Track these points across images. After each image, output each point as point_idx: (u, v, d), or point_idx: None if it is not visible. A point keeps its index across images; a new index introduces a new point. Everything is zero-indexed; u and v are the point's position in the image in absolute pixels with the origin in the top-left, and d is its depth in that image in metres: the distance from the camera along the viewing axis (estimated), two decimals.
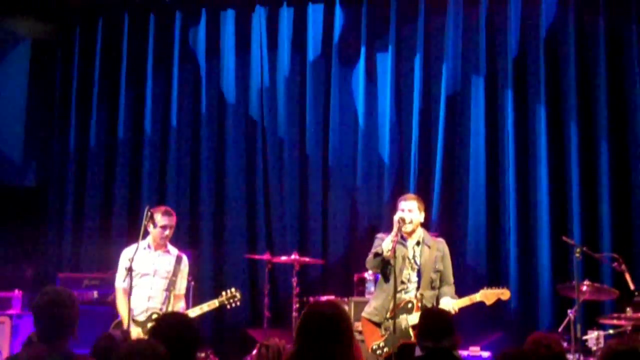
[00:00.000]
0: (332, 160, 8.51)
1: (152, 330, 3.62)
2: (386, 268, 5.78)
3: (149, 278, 6.18)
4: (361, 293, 7.49)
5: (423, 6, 8.41)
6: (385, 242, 5.70)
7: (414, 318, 5.53)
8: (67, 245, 8.82)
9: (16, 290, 7.75)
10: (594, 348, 6.50)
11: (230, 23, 8.89)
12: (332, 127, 8.53)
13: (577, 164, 7.86)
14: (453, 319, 4.49)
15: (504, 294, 5.84)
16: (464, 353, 6.90)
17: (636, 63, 7.90)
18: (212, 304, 6.26)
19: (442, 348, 4.18)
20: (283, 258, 7.43)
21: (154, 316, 5.98)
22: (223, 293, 6.32)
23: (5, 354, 7.02)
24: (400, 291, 5.72)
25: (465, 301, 5.77)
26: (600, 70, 7.95)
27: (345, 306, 7.00)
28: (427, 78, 8.40)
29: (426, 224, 6.28)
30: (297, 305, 7.25)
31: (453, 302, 5.70)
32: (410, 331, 5.60)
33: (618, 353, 3.60)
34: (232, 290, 6.32)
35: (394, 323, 5.61)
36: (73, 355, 3.53)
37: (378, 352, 5.67)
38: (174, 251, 6.36)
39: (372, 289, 7.08)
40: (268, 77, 8.74)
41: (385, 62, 8.49)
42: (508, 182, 8.03)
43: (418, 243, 5.88)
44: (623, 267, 6.54)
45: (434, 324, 4.29)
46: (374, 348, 5.71)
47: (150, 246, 6.26)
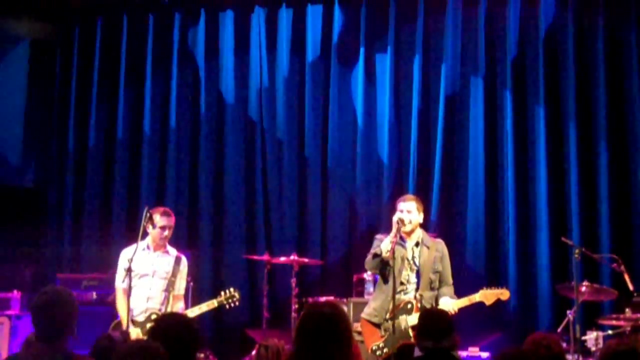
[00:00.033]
0: (331, 160, 8.51)
1: (152, 330, 3.61)
2: (385, 269, 5.77)
3: (148, 279, 6.18)
4: (360, 294, 7.49)
5: (422, 7, 8.41)
6: (384, 243, 5.70)
7: (414, 318, 5.52)
8: (66, 245, 8.81)
9: (15, 290, 7.75)
10: (593, 348, 6.51)
11: (229, 24, 8.89)
12: (331, 128, 8.53)
13: (576, 165, 7.85)
14: (452, 320, 4.49)
15: (504, 294, 5.84)
16: (463, 353, 6.90)
17: (635, 63, 7.90)
18: (211, 304, 6.25)
19: (442, 348, 4.18)
20: (282, 259, 7.42)
21: (153, 316, 5.97)
22: (222, 293, 6.31)
23: (4, 355, 7.02)
24: (399, 292, 5.71)
25: (464, 301, 5.76)
26: (599, 70, 7.95)
27: (344, 307, 6.99)
28: (426, 79, 8.40)
29: (425, 225, 6.28)
30: (296, 305, 7.25)
31: (452, 303, 5.69)
32: (409, 332, 5.59)
33: (617, 353, 3.60)
34: (231, 290, 6.32)
35: (394, 324, 5.61)
36: (72, 355, 3.52)
37: (378, 353, 5.66)
38: (173, 252, 6.36)
39: (371, 290, 7.09)
40: (267, 78, 8.74)
41: (384, 63, 8.49)
42: (507, 183, 8.02)
43: (417, 244, 5.88)
44: (622, 268, 6.55)
45: (433, 325, 4.29)
46: (374, 349, 5.70)
47: (149, 247, 6.26)
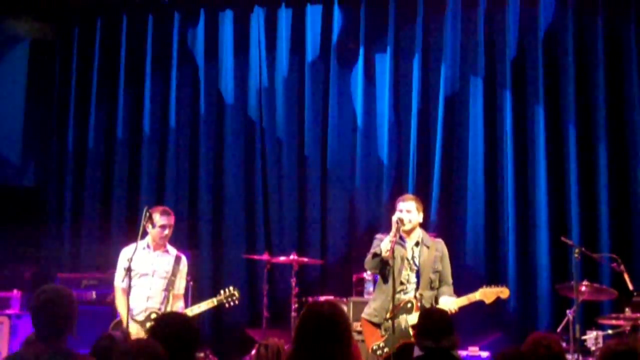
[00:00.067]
0: (331, 160, 8.51)
1: (151, 330, 3.60)
2: (385, 269, 5.76)
3: (148, 278, 6.18)
4: (360, 293, 7.50)
5: (422, 7, 8.41)
6: (383, 243, 5.69)
7: (414, 318, 5.50)
8: (66, 245, 8.82)
9: (15, 290, 7.75)
10: (593, 348, 6.51)
11: (228, 24, 8.90)
12: (331, 128, 8.53)
13: (576, 164, 7.85)
14: (452, 319, 4.49)
15: (503, 292, 5.82)
16: (463, 353, 6.90)
17: (634, 63, 7.90)
18: (211, 303, 6.24)
19: (442, 348, 4.18)
20: (282, 258, 7.43)
21: (153, 316, 5.97)
22: (221, 291, 6.30)
23: (4, 354, 7.02)
24: (399, 292, 5.70)
25: (464, 300, 5.74)
26: (598, 70, 7.95)
27: (344, 306, 6.99)
28: (426, 79, 8.40)
29: (425, 225, 6.28)
30: (296, 305, 7.25)
31: (452, 301, 5.68)
32: (410, 331, 5.59)
33: (617, 353, 3.61)
34: (231, 288, 6.30)
35: (394, 323, 5.61)
36: (73, 354, 3.51)
37: (378, 353, 5.66)
38: (173, 251, 6.36)
39: (371, 289, 7.09)
40: (267, 78, 8.74)
41: (383, 63, 8.49)
42: (507, 183, 8.03)
43: (417, 244, 5.87)
44: (622, 268, 6.55)
45: (433, 324, 4.29)
46: (374, 349, 5.70)
47: (149, 246, 6.26)
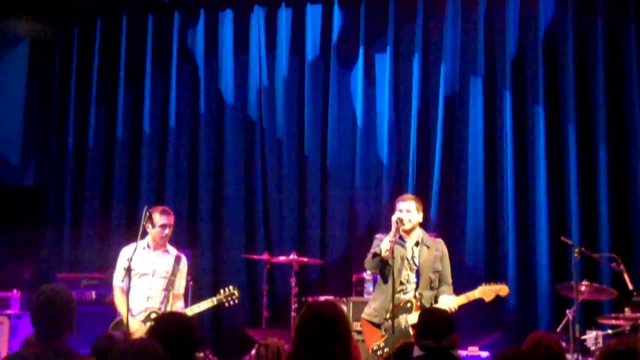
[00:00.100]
0: (331, 160, 8.51)
1: (151, 329, 3.60)
2: (385, 268, 5.75)
3: (148, 278, 6.17)
4: (360, 293, 7.49)
5: (421, 7, 8.41)
6: (383, 243, 5.69)
7: (414, 317, 5.50)
8: (66, 245, 8.82)
9: (14, 290, 7.76)
10: (593, 348, 6.51)
11: (228, 23, 8.90)
12: (331, 128, 8.53)
13: (576, 164, 7.85)
14: (452, 319, 4.48)
15: (503, 290, 5.81)
16: (463, 353, 6.90)
17: (634, 63, 7.90)
18: (210, 302, 6.23)
19: (441, 347, 4.18)
20: (282, 258, 7.43)
21: (153, 315, 5.97)
22: (221, 291, 6.29)
23: (4, 354, 7.02)
24: (399, 292, 5.70)
25: (463, 298, 5.73)
26: (598, 70, 7.95)
27: (344, 306, 6.99)
28: (426, 79, 8.40)
29: (425, 224, 6.28)
30: (296, 305, 7.25)
31: (452, 300, 5.67)
32: (409, 330, 5.59)
33: (616, 353, 3.61)
34: (230, 288, 6.29)
35: (393, 323, 5.61)
36: (73, 353, 3.51)
37: (379, 353, 5.66)
38: (173, 251, 6.36)
39: (371, 289, 7.08)
40: (267, 78, 8.74)
41: (383, 63, 8.49)
42: (506, 183, 8.02)
43: (417, 243, 5.86)
44: (621, 267, 6.54)
45: (433, 324, 4.28)
46: (375, 349, 5.70)
47: (149, 246, 6.26)
